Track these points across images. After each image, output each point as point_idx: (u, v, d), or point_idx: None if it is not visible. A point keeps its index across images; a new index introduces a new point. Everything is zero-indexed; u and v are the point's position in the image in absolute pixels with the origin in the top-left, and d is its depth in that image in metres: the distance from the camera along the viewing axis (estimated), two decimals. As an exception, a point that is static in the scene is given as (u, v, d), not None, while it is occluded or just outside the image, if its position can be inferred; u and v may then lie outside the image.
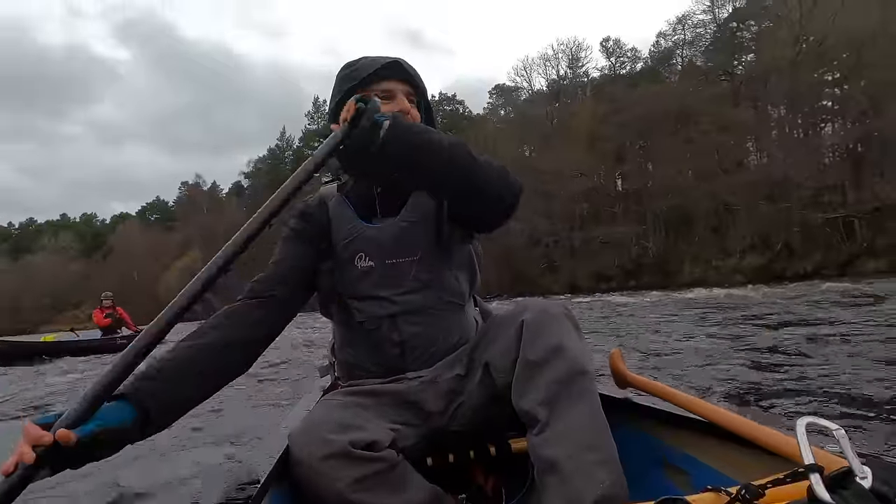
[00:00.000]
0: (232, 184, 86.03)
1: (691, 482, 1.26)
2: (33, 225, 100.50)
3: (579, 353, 1.12)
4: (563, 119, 45.94)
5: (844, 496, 0.66)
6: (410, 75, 1.35)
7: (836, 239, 28.68)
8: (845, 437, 0.72)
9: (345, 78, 1.35)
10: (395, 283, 1.33)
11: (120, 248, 77.43)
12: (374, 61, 1.34)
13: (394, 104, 1.30)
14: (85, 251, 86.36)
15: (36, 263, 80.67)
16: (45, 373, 8.25)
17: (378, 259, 1.34)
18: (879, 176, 28.39)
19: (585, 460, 1.00)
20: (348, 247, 1.35)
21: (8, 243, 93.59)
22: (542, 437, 1.06)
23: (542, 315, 1.17)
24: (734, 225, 33.05)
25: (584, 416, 1.05)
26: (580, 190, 41.08)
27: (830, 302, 10.14)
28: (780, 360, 4.40)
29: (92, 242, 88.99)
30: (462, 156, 1.13)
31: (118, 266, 73.34)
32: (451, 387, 1.32)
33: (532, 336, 1.14)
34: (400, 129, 1.09)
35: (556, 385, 1.08)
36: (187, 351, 1.14)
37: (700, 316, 9.68)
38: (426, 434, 1.32)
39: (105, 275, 71.54)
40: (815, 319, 7.31)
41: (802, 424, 0.74)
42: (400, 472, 1.14)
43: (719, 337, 6.38)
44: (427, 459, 1.35)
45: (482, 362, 1.26)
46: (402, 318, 1.33)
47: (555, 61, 53.69)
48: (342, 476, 1.06)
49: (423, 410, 1.31)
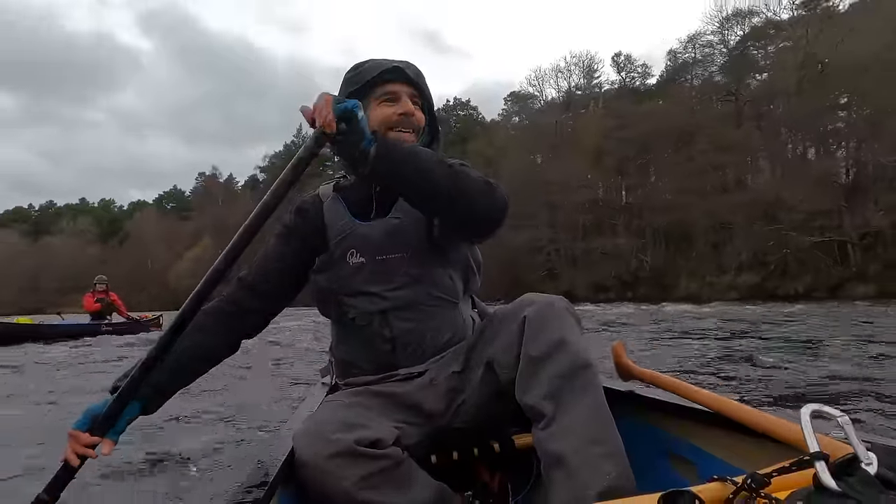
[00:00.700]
0: (248, 177, 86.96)
1: (697, 472, 1.26)
2: (53, 208, 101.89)
3: (582, 347, 1.13)
4: (572, 130, 46.49)
5: (850, 482, 0.66)
6: (414, 79, 1.36)
7: (825, 263, 29.24)
8: (850, 424, 0.71)
9: (350, 80, 1.37)
10: (385, 279, 1.33)
11: (136, 235, 78.56)
12: (379, 64, 1.35)
13: (398, 106, 1.33)
14: (102, 236, 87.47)
15: (54, 245, 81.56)
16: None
17: (369, 255, 1.34)
18: (874, 203, 28.88)
19: (591, 453, 1.01)
20: (341, 243, 1.36)
21: (28, 224, 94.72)
22: (548, 432, 1.07)
23: (543, 310, 1.17)
24: (731, 242, 33.66)
25: (588, 409, 1.06)
26: (584, 200, 41.76)
27: (819, 322, 10.44)
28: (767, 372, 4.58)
29: (109, 228, 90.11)
30: (445, 175, 1.13)
31: (133, 252, 74.78)
32: (451, 385, 1.32)
33: (534, 331, 1.14)
34: (384, 150, 1.09)
35: (560, 379, 1.08)
36: (178, 353, 1.19)
37: (693, 329, 9.91)
38: (429, 432, 1.32)
39: (120, 260, 73.12)
40: (806, 337, 7.48)
41: (807, 412, 0.74)
42: (405, 469, 1.15)
43: (709, 349, 6.60)
44: (431, 457, 1.36)
45: (484, 360, 1.26)
46: (392, 313, 1.33)
47: (567, 73, 54.41)
48: (349, 474, 1.06)
49: (424, 411, 1.31)
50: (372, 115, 1.32)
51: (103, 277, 13.60)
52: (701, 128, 37.96)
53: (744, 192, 34.22)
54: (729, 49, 42.20)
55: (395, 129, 1.33)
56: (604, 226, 42.55)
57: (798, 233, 29.68)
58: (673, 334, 8.81)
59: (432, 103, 1.44)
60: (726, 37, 42.59)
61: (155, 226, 78.56)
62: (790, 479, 0.72)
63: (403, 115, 1.33)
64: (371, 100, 1.34)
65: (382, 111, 1.33)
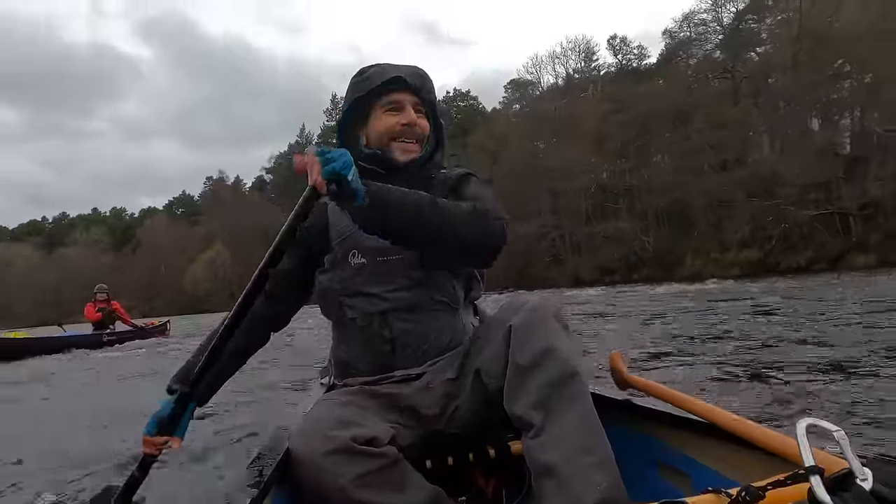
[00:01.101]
0: (255, 178, 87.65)
1: (691, 483, 1.25)
2: (66, 219, 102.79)
3: (569, 354, 1.11)
4: (571, 115, 46.61)
5: (845, 498, 0.65)
6: (419, 87, 1.37)
7: (825, 235, 29.44)
8: (845, 439, 0.71)
9: (355, 87, 1.38)
10: (386, 280, 1.34)
11: (148, 242, 79.04)
12: (383, 72, 1.36)
13: (401, 116, 1.35)
14: (115, 244, 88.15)
15: (69, 256, 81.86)
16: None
17: (370, 256, 1.35)
18: (873, 174, 29.00)
19: (582, 463, 1.00)
20: (343, 244, 1.38)
21: (42, 237, 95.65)
22: (538, 442, 1.06)
23: (529, 317, 1.15)
24: (731, 220, 33.90)
25: (578, 418, 1.05)
26: (585, 185, 42.16)
27: (820, 294, 10.47)
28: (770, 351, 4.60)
29: (122, 236, 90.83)
30: (437, 217, 1.12)
31: (147, 259, 75.08)
32: (446, 391, 1.31)
33: (521, 341, 1.13)
34: (377, 202, 1.07)
35: (548, 388, 1.07)
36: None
37: (697, 307, 10.05)
38: (424, 435, 1.32)
39: (135, 267, 74.08)
40: (807, 312, 7.42)
41: (803, 426, 0.73)
42: (401, 469, 1.15)
43: (714, 326, 6.70)
44: (426, 462, 1.36)
45: (473, 368, 1.26)
46: (392, 314, 1.34)
47: (563, 58, 54.70)
48: (345, 472, 1.07)
49: (420, 414, 1.31)
50: (376, 124, 1.38)
51: (104, 286, 13.23)
52: (698, 106, 38.11)
53: (743, 168, 34.35)
54: (723, 26, 42.16)
55: (398, 140, 1.37)
56: (606, 209, 42.90)
57: (796, 207, 29.87)
58: (674, 314, 9.00)
59: (437, 110, 1.46)
60: (720, 14, 42.61)
61: (166, 232, 79.54)
62: (785, 493, 0.72)
63: (406, 126, 1.36)
64: (375, 107, 1.38)
65: (386, 121, 1.37)
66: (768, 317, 7.43)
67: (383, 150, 1.38)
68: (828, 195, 29.83)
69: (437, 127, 1.46)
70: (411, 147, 1.38)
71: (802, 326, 5.97)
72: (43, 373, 7.65)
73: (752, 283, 18.27)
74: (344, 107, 1.42)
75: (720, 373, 3.81)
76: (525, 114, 55.73)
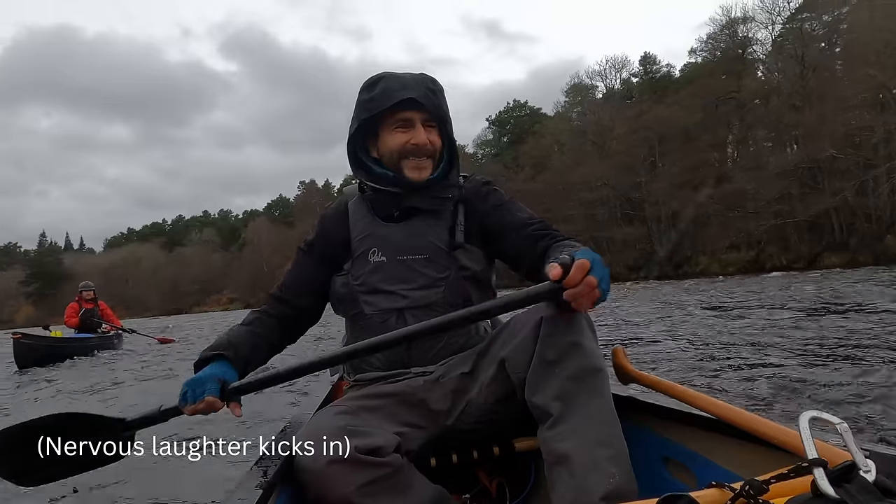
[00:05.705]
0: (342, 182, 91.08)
1: (695, 478, 1.25)
2: (182, 221, 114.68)
3: (594, 351, 1.14)
4: (601, 131, 51.39)
5: (848, 490, 0.65)
6: (427, 104, 1.35)
7: (794, 239, 35.69)
8: (848, 431, 0.70)
9: (363, 107, 1.38)
10: (405, 279, 1.37)
11: (251, 242, 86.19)
12: (390, 92, 1.34)
13: (411, 134, 1.36)
14: (223, 244, 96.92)
15: (186, 254, 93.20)
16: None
17: (390, 254, 1.38)
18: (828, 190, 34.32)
19: (597, 455, 1.01)
20: (363, 242, 1.41)
21: (162, 237, 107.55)
22: (555, 432, 1.08)
23: (560, 314, 1.16)
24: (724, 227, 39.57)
25: (597, 411, 1.08)
26: (604, 196, 47.83)
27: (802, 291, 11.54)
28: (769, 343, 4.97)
29: (229, 236, 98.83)
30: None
31: (251, 258, 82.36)
32: (457, 385, 1.33)
33: (549, 334, 1.15)
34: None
35: (571, 382, 1.10)
36: (244, 336, 1.38)
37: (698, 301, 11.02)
38: (432, 435, 1.34)
39: (241, 266, 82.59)
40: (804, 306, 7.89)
41: (805, 419, 0.72)
42: (404, 476, 1.16)
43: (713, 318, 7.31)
44: (431, 460, 1.36)
45: (497, 359, 1.26)
46: (409, 312, 1.36)
47: (603, 75, 58.38)
48: (348, 481, 1.08)
49: (429, 409, 1.33)
50: (386, 142, 1.39)
51: (90, 284, 11.46)
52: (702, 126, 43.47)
53: (729, 183, 39.90)
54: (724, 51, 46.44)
55: (409, 157, 1.38)
56: (621, 217, 48.31)
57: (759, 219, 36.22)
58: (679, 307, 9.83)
59: (450, 125, 1.43)
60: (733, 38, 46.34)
61: (267, 233, 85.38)
62: (788, 486, 0.71)
63: (416, 146, 1.36)
64: (384, 125, 1.39)
65: (396, 139, 1.38)
66: (768, 311, 7.91)
67: (396, 170, 1.39)
68: (790, 208, 35.78)
69: (451, 143, 1.45)
70: (423, 164, 1.39)
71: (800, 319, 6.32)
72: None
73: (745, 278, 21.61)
74: (351, 128, 1.41)
75: (721, 365, 3.91)
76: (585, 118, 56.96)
